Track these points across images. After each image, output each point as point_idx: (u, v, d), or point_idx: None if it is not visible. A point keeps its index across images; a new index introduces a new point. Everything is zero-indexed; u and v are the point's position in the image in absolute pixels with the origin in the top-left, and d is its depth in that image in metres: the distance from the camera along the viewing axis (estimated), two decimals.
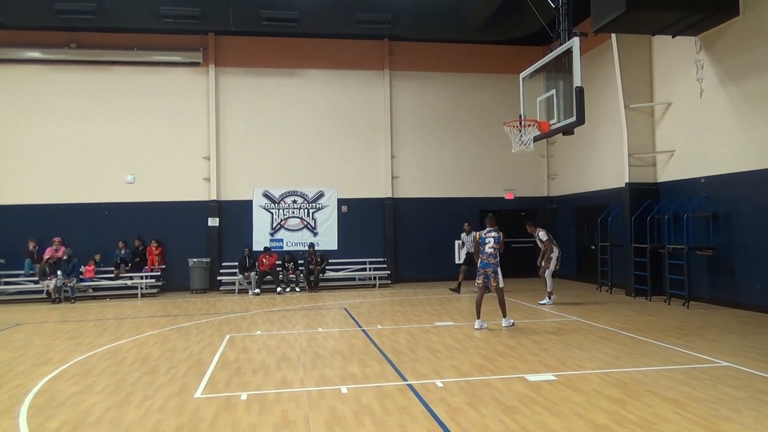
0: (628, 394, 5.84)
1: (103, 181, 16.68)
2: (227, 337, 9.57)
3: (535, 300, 13.21)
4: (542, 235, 12.85)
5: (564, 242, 18.22)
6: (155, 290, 16.08)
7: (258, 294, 15.67)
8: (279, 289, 15.97)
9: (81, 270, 15.49)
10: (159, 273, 16.24)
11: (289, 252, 16.98)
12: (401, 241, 18.12)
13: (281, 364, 7.52)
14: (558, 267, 12.92)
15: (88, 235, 16.24)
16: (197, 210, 17.07)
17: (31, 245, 15.82)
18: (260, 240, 17.38)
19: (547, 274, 12.71)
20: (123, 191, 16.76)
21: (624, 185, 13.93)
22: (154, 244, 16.45)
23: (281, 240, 17.54)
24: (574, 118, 9.84)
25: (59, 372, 7.44)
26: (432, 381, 6.50)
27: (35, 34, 16.40)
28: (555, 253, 12.77)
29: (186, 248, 16.72)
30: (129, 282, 15.83)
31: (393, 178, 18.18)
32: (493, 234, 9.95)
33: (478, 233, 10.22)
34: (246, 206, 17.44)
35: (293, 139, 17.78)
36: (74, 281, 15.14)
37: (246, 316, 12.03)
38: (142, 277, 15.89)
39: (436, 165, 18.51)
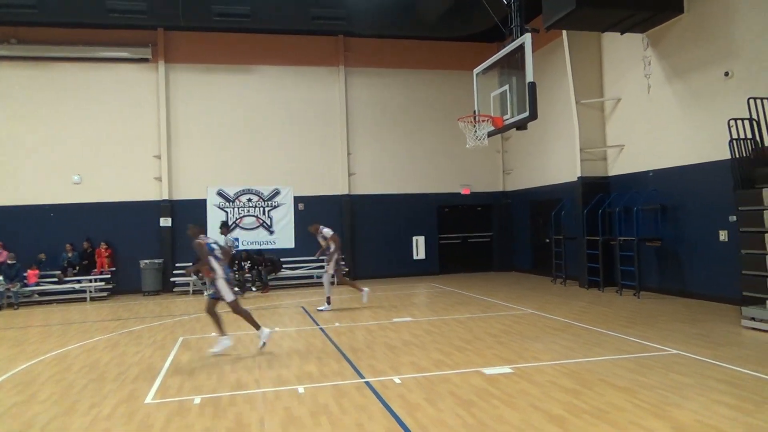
0: (581, 384, 5.93)
1: (47, 182, 16.04)
2: (180, 339, 9.33)
3: (491, 293, 13.35)
4: (326, 232, 12.18)
5: (519, 236, 18.56)
6: (105, 293, 15.57)
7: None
8: (236, 289, 15.64)
9: (24, 275, 14.84)
10: (109, 276, 15.72)
11: (246, 251, 16.68)
12: (359, 238, 18.05)
13: (236, 366, 7.36)
14: (335, 272, 12.10)
15: (32, 239, 15.59)
16: (149, 210, 16.60)
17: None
18: (214, 239, 16.99)
19: (325, 278, 12.06)
20: (69, 192, 16.15)
21: (576, 179, 14.22)
22: (104, 246, 15.92)
23: (237, 239, 17.19)
24: (527, 113, 9.94)
25: (0, 381, 7.09)
26: (390, 378, 6.47)
27: None
28: (335, 256, 11.97)
29: (137, 249, 16.24)
30: (77, 286, 15.26)
31: (350, 174, 18.08)
32: (212, 239, 8.59)
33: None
34: (200, 205, 17.05)
35: (248, 137, 17.48)
36: (18, 286, 14.49)
37: (201, 317, 11.75)
38: (90, 281, 15.35)
39: (393, 161, 18.51)
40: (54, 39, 16.13)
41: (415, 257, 18.45)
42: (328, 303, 12.05)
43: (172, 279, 16.19)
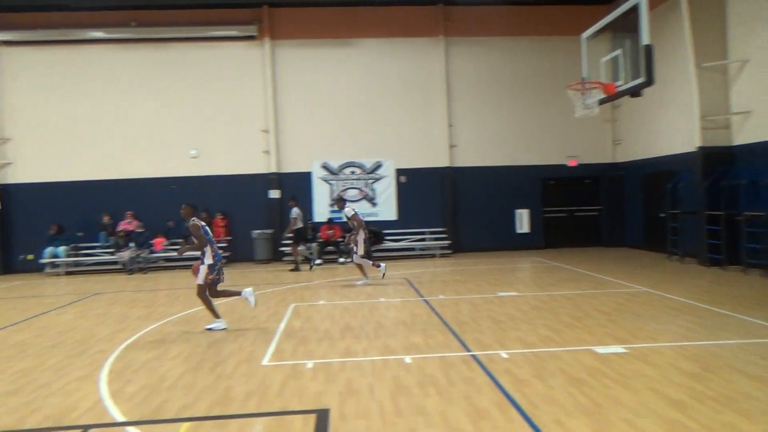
0: (705, 368, 5.60)
1: (169, 156, 17.21)
2: (291, 306, 9.78)
3: (600, 269, 12.83)
4: (347, 211, 12.09)
5: (630, 210, 17.61)
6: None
7: (320, 265, 15.91)
8: (341, 259, 16.16)
9: (151, 242, 16.13)
10: (225, 244, 16.70)
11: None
12: (461, 211, 17.92)
13: (345, 334, 7.62)
14: (360, 251, 11.85)
15: (158, 209, 16.83)
16: (259, 182, 17.39)
17: (105, 219, 16.59)
18: (320, 211, 17.57)
19: (355, 258, 11.96)
20: (188, 165, 17.24)
21: (696, 149, 13.22)
22: (220, 217, 16.92)
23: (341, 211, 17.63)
24: (642, 79, 9.36)
25: (136, 339, 7.81)
26: (496, 352, 6.43)
27: (99, 15, 16.92)
28: (362, 236, 11.84)
29: (250, 220, 17.11)
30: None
31: (451, 146, 17.91)
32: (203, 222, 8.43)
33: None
34: (305, 178, 17.63)
35: (350, 110, 17.75)
36: (146, 253, 15.81)
37: (309, 286, 12.26)
38: None
39: (496, 132, 18.09)
40: (169, 21, 17.10)
41: (518, 231, 18.06)
42: (366, 277, 12.03)
43: (280, 249, 16.95)
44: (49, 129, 17.00)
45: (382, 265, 12.12)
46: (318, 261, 16.05)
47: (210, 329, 8.10)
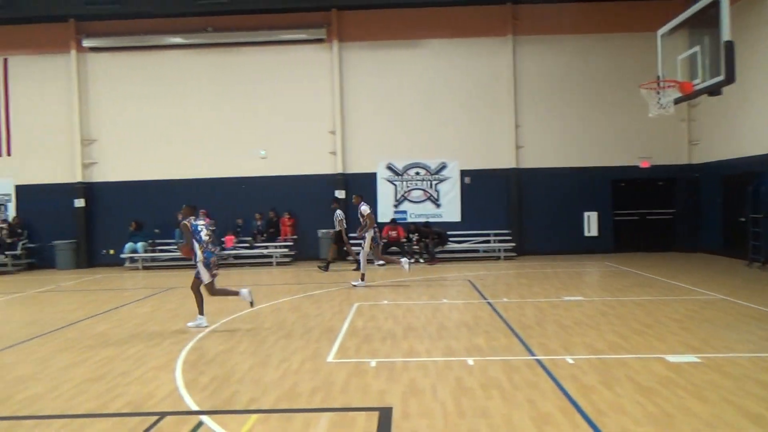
0: None
1: (240, 157, 17.82)
2: (355, 305, 9.92)
3: (673, 275, 12.32)
4: (363, 209, 12.19)
5: (707, 213, 16.80)
6: (288, 259, 17.02)
7: (383, 265, 16.04)
8: (404, 260, 16.21)
9: (222, 240, 16.74)
10: (291, 243, 17.15)
11: (414, 223, 17.17)
12: (527, 213, 17.63)
13: (408, 334, 7.68)
14: (366, 249, 12.08)
15: (228, 207, 17.45)
16: (325, 182, 17.72)
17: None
18: (385, 212, 17.72)
19: (361, 255, 12.08)
20: (258, 166, 17.78)
21: None
22: (287, 216, 17.38)
23: (405, 212, 17.77)
24: (722, 77, 8.94)
25: (208, 332, 8.16)
26: (562, 357, 6.32)
27: (178, 21, 17.72)
28: (370, 233, 11.94)
29: (316, 219, 17.46)
30: (264, 251, 16.88)
31: (518, 147, 17.65)
32: (203, 222, 8.84)
33: (197, 221, 8.73)
34: (370, 178, 17.82)
35: (416, 111, 17.80)
36: (217, 250, 16.39)
37: (372, 286, 12.39)
38: (276, 247, 16.89)
39: (564, 133, 17.68)
40: (242, 26, 17.71)
41: (586, 234, 17.58)
42: (362, 279, 12.08)
43: (345, 248, 17.18)
44: (130, 131, 17.96)
45: (363, 282, 12.12)
46: (381, 262, 16.18)
47: (194, 325, 8.53)
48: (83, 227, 17.78)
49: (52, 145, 17.96)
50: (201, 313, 8.62)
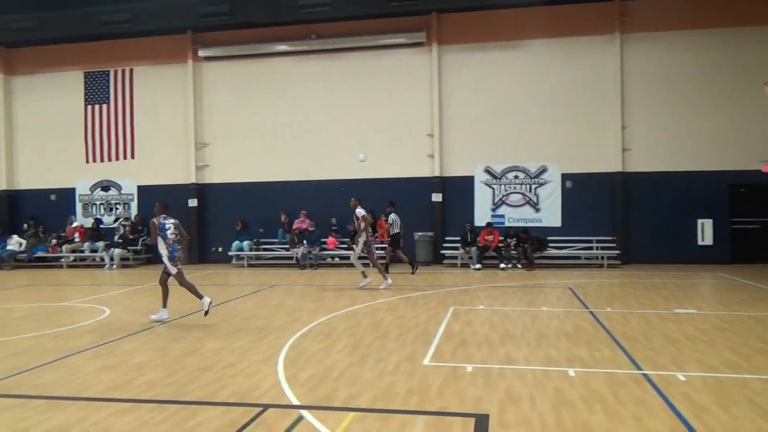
0: None
1: (340, 160, 18.29)
2: (451, 309, 9.87)
3: None
4: (358, 212, 12.38)
5: None
6: (385, 261, 17.16)
7: (479, 269, 15.86)
8: (502, 265, 15.96)
9: (323, 240, 17.22)
10: (386, 245, 17.29)
11: (512, 228, 16.83)
12: (633, 219, 16.75)
13: (505, 340, 7.53)
14: (358, 252, 12.34)
15: (328, 209, 17.95)
16: (422, 185, 17.78)
17: (283, 217, 18.11)
18: (482, 215, 17.50)
19: (352, 257, 12.49)
20: (357, 168, 18.16)
21: None
22: (384, 218, 17.56)
23: (503, 216, 17.46)
24: None
25: (307, 329, 8.43)
26: (672, 373, 5.94)
27: (284, 29, 18.49)
28: (363, 237, 12.15)
29: (412, 222, 17.55)
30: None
31: (623, 150, 16.82)
32: (172, 221, 9.44)
33: (157, 220, 9.30)
34: (468, 182, 17.68)
35: (515, 113, 17.45)
36: (317, 250, 16.95)
37: (468, 290, 12.28)
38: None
39: (675, 135, 16.64)
40: (343, 32, 18.17)
41: (699, 243, 16.43)
42: (365, 276, 12.44)
43: (441, 251, 17.17)
44: (239, 135, 18.97)
45: (368, 279, 12.47)
46: (477, 266, 16.01)
47: (155, 318, 9.27)
48: (195, 226, 18.97)
49: (170, 148, 19.33)
50: (164, 306, 9.41)
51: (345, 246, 17.47)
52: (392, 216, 15.48)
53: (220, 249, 18.69)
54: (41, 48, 19.99)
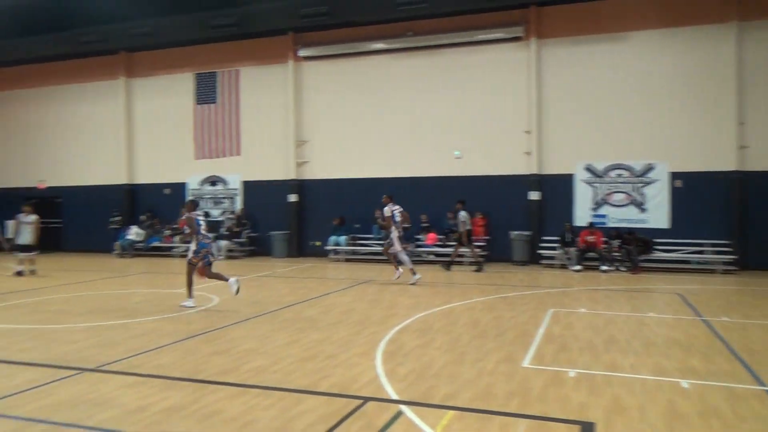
0: None
1: (435, 157, 18.25)
2: (550, 311, 9.59)
3: None
4: (386, 210, 12.92)
5: None
6: (480, 259, 16.97)
7: (579, 271, 15.30)
8: (604, 267, 15.30)
9: (418, 237, 17.30)
10: (483, 243, 17.12)
11: (615, 228, 16.08)
12: (753, 222, 15.47)
13: (609, 346, 7.22)
14: (397, 248, 12.82)
15: (422, 205, 17.97)
16: (518, 183, 17.39)
17: (377, 213, 18.28)
18: (581, 215, 16.86)
19: (398, 254, 12.90)
20: (452, 166, 18.05)
21: None
22: (480, 216, 17.38)
23: (604, 216, 16.73)
24: None
25: (404, 325, 8.50)
26: None
27: (381, 28, 18.69)
28: (395, 233, 12.79)
29: (508, 221, 17.24)
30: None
31: (741, 147, 15.57)
32: (201, 216, 10.35)
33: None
34: (567, 180, 17.08)
35: (618, 109, 16.63)
36: (411, 246, 17.03)
37: (568, 292, 11.88)
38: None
39: None
40: (440, 28, 18.09)
41: None
42: (414, 273, 12.76)
43: (538, 251, 16.73)
44: (336, 132, 19.41)
45: (400, 270, 12.96)
46: (577, 267, 15.46)
47: (183, 305, 9.91)
48: (295, 220, 19.66)
49: (272, 145, 20.13)
50: (189, 295, 10.01)
51: (440, 243, 17.48)
52: (462, 213, 15.35)
53: (317, 243, 19.25)
54: (157, 52, 21.44)
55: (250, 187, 20.51)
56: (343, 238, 18.45)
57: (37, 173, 23.13)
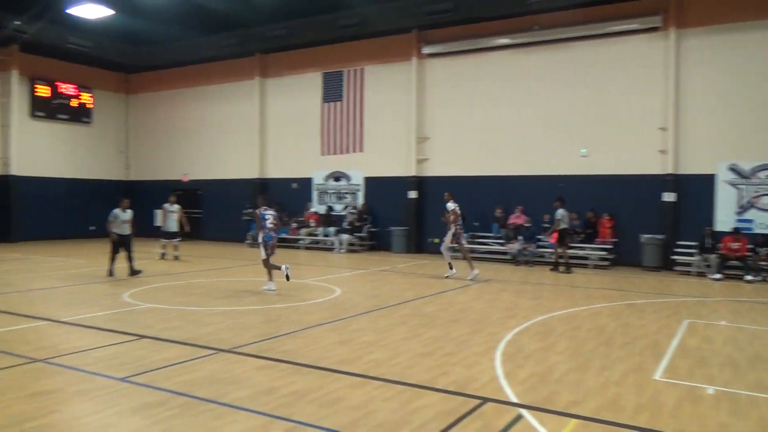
0: None
1: (559, 154, 17.59)
2: (685, 322, 8.91)
3: None
4: (448, 206, 13.45)
5: None
6: (606, 263, 16.18)
7: (719, 279, 14.07)
8: (748, 276, 13.95)
9: (539, 237, 16.80)
10: (610, 246, 16.27)
11: (763, 235, 14.59)
12: None
13: (755, 364, 6.59)
14: (455, 243, 13.58)
15: (544, 205, 17.40)
16: (651, 184, 16.29)
17: (498, 212, 18.05)
18: (724, 219, 15.45)
19: (442, 248, 13.64)
20: (577, 164, 17.30)
21: None
22: (607, 217, 16.53)
23: (751, 221, 15.22)
24: None
25: (524, 327, 8.31)
26: None
27: (506, 22, 18.29)
28: (452, 230, 13.24)
29: (638, 223, 16.23)
30: (580, 252, 16.38)
31: None
32: (271, 212, 11.22)
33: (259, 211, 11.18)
34: (707, 181, 15.72)
35: None
36: (533, 246, 16.59)
37: (706, 302, 10.98)
38: (593, 249, 16.23)
39: None
40: (569, 21, 17.34)
41: None
42: (450, 268, 13.52)
43: (672, 257, 15.59)
44: (458, 129, 19.32)
45: (454, 270, 13.55)
46: (717, 275, 14.22)
47: (267, 289, 10.91)
48: (414, 217, 19.86)
49: (393, 142, 20.46)
50: (270, 278, 11.06)
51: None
52: (560, 211, 14.87)
53: (436, 240, 19.26)
54: (289, 53, 22.56)
55: (371, 183, 21.01)
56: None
57: (181, 167, 25.30)
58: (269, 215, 11.17)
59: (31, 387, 5.45)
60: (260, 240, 11.14)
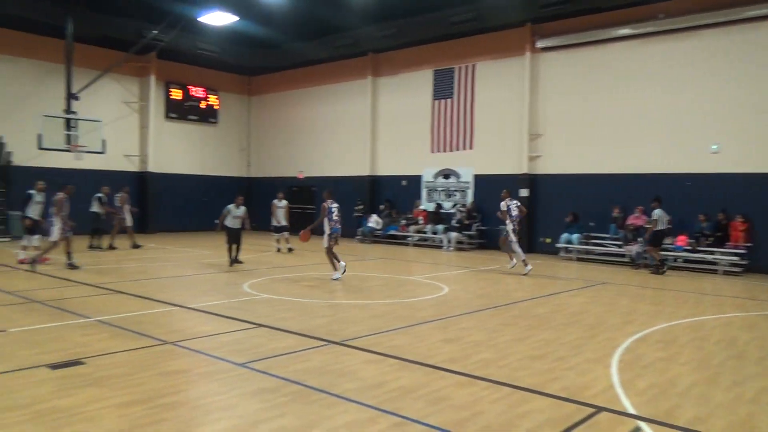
0: None
1: (685, 151, 16.36)
2: None
3: None
4: (502, 205, 13.82)
5: None
6: (738, 269, 14.82)
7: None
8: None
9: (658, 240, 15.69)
10: (744, 251, 14.88)
11: None
12: None
13: None
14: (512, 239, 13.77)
15: (668, 205, 16.26)
16: None
17: (615, 212, 17.12)
18: None
19: (513, 246, 13.83)
20: (706, 161, 16.00)
21: None
22: (740, 220, 15.13)
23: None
24: None
25: (644, 334, 7.82)
26: None
27: (626, 12, 17.26)
28: (509, 226, 13.65)
29: None
30: (709, 257, 15.14)
31: None
32: (336, 206, 12.02)
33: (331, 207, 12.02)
34: None
35: None
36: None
37: None
38: (723, 254, 14.94)
39: None
40: (698, 7, 16.04)
41: None
42: (525, 264, 13.63)
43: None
44: (573, 125, 18.55)
45: (514, 261, 13.96)
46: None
47: (334, 279, 11.77)
48: (525, 216, 19.26)
49: (504, 139, 20.04)
50: (335, 269, 12.00)
51: (690, 247, 15.63)
52: (656, 212, 14.05)
53: (548, 240, 18.71)
54: (400, 51, 22.79)
55: (481, 180, 20.72)
56: (575, 236, 17.62)
57: (297, 165, 26.41)
58: (335, 208, 12.08)
59: (164, 366, 5.94)
60: (327, 231, 11.92)
